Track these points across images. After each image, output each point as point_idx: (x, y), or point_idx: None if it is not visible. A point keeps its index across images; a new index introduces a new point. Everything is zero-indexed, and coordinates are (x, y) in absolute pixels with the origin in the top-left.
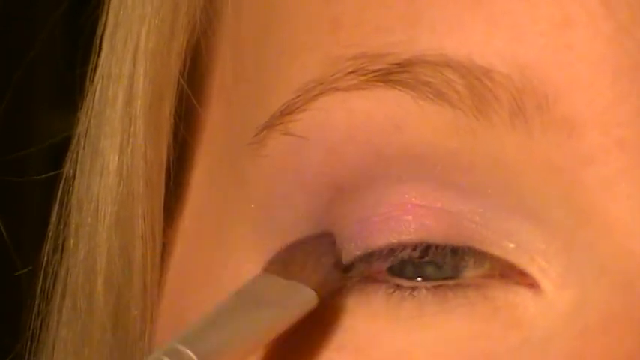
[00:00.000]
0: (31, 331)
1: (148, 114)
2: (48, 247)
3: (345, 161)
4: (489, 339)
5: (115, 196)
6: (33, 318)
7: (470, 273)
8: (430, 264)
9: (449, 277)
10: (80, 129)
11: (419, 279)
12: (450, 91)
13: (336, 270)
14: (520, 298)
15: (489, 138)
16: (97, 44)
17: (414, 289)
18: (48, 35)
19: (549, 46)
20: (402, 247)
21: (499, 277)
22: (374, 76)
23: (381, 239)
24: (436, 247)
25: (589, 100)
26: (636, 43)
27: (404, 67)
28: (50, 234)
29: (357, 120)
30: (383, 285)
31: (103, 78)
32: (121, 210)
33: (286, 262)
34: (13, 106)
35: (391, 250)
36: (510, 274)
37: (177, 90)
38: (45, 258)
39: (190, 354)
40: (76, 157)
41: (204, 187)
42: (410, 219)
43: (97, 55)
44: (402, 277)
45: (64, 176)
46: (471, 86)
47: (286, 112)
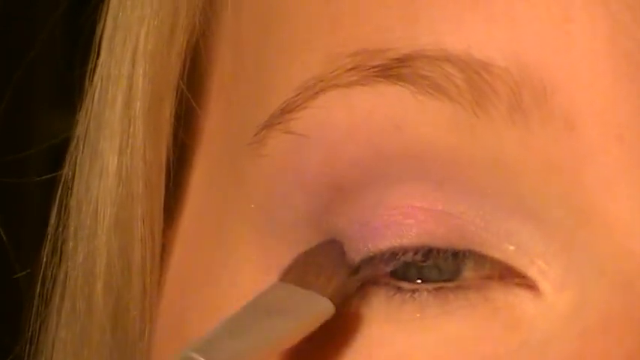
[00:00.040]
0: (30, 333)
1: (147, 115)
2: (47, 249)
3: (346, 160)
4: (490, 341)
5: (115, 198)
6: (32, 319)
7: (470, 275)
8: (431, 267)
9: (448, 280)
10: (79, 130)
11: (419, 281)
12: (449, 85)
13: (350, 279)
14: (519, 299)
15: (488, 134)
16: (96, 45)
17: (414, 291)
18: (48, 35)
19: (548, 42)
20: (403, 250)
21: (499, 279)
22: (374, 72)
23: (383, 243)
24: (438, 251)
25: (588, 96)
26: (635, 40)
27: (404, 62)
28: (49, 235)
29: (358, 117)
30: (384, 288)
31: (102, 79)
32: (121, 211)
33: (301, 271)
34: (13, 106)
35: (393, 254)
36: (510, 275)
37: (177, 91)
38: (44, 259)
39: None
40: (75, 159)
41: (203, 188)
42: (412, 223)
43: (96, 57)
44: (402, 279)
45: (63, 178)
46: (470, 80)
47: (287, 110)
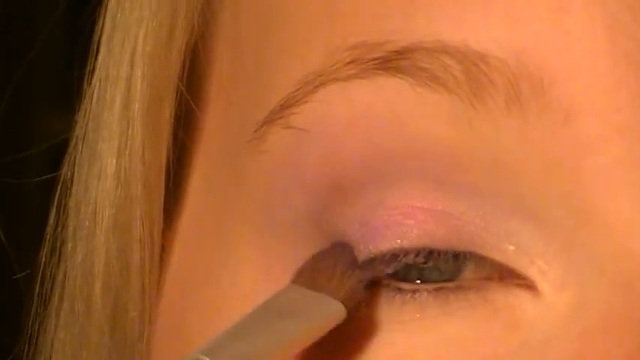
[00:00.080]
0: (29, 334)
1: (145, 117)
2: (45, 250)
3: (345, 155)
4: (490, 341)
5: (113, 199)
6: (31, 320)
7: (470, 275)
8: (432, 268)
9: (448, 280)
10: (78, 131)
11: (418, 281)
12: (448, 77)
13: (360, 282)
14: (519, 300)
15: (486, 126)
16: (95, 47)
17: (415, 291)
18: (48, 35)
19: (545, 32)
20: (404, 252)
21: (499, 280)
22: (373, 65)
23: (384, 244)
24: (438, 253)
25: (586, 86)
26: (633, 28)
27: (402, 54)
28: (48, 236)
29: (357, 111)
30: (384, 288)
31: (100, 81)
32: (119, 213)
33: (313, 274)
34: (13, 106)
35: (394, 256)
36: (510, 276)
37: (176, 93)
38: (43, 260)
39: None
40: (74, 160)
41: (203, 188)
42: (412, 224)
43: (95, 58)
44: (402, 280)
45: (61, 179)
46: (468, 72)
47: (287, 105)
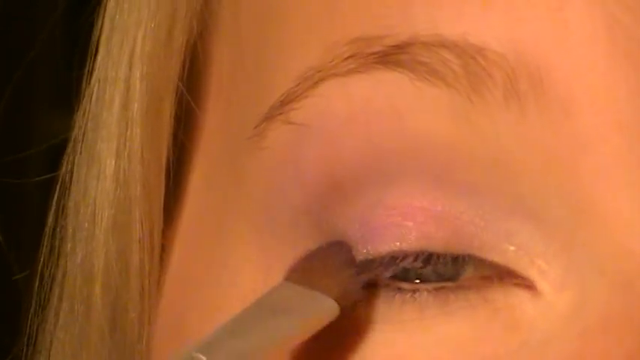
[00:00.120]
0: (28, 335)
1: (144, 117)
2: (44, 250)
3: (345, 151)
4: (490, 341)
5: (112, 200)
6: (30, 321)
7: (469, 276)
8: (430, 272)
9: (448, 279)
10: (77, 132)
11: (417, 281)
12: (446, 71)
13: (356, 281)
14: (519, 300)
15: (484, 121)
16: (94, 47)
17: (414, 291)
18: (48, 35)
19: (544, 26)
20: (403, 254)
21: (498, 280)
22: (372, 59)
23: (383, 246)
24: (437, 256)
25: (585, 82)
26: (633, 22)
27: (402, 48)
28: (47, 237)
29: (357, 105)
30: (384, 288)
31: (99, 81)
32: (119, 214)
33: (307, 272)
34: (13, 106)
35: (392, 259)
36: (509, 276)
37: (176, 93)
38: (41, 260)
39: None
40: (73, 161)
41: (203, 188)
42: (411, 225)
43: (93, 59)
44: (402, 280)
45: (60, 179)
46: (466, 66)
47: (286, 101)
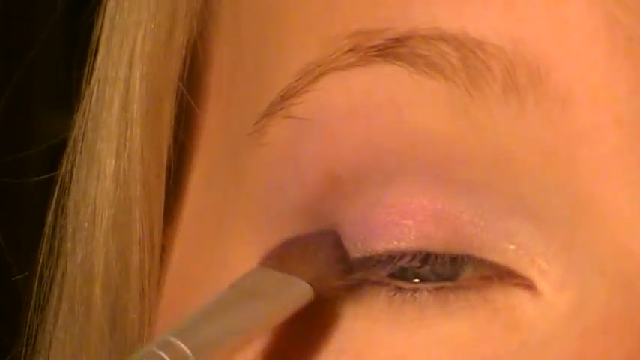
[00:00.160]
0: (27, 335)
1: (144, 118)
2: (44, 250)
3: (344, 147)
4: (490, 341)
5: (112, 200)
6: (29, 321)
7: (468, 276)
8: (428, 272)
9: (447, 279)
10: (77, 132)
11: (416, 280)
12: (445, 64)
13: (337, 265)
14: (519, 300)
15: (482, 114)
16: (94, 47)
17: (415, 290)
18: (48, 35)
19: (543, 20)
20: (401, 254)
21: (498, 280)
22: (372, 52)
23: (381, 244)
24: (435, 256)
25: (583, 75)
26: (632, 17)
27: (401, 41)
28: (46, 236)
29: (357, 99)
30: (384, 288)
31: (99, 82)
32: (119, 214)
33: (282, 257)
34: (13, 106)
35: (390, 257)
36: (508, 276)
37: (176, 93)
38: (41, 260)
39: (183, 347)
40: (73, 161)
41: (203, 188)
42: (410, 224)
43: (93, 59)
44: (400, 279)
45: (59, 179)
46: (465, 59)
47: (287, 96)
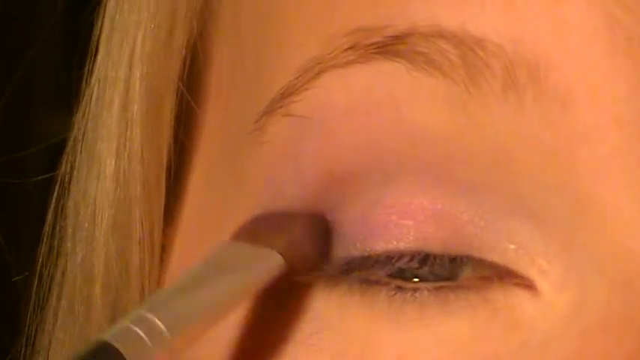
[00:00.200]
0: (27, 335)
1: (144, 118)
2: (43, 250)
3: (344, 145)
4: (490, 342)
5: (112, 200)
6: (28, 321)
7: (468, 275)
8: (427, 273)
9: (446, 279)
10: (76, 132)
11: (416, 280)
12: (444, 61)
13: (308, 239)
14: (519, 300)
15: (481, 112)
16: (93, 48)
17: (415, 290)
18: (48, 35)
19: (543, 18)
20: (400, 254)
21: (498, 280)
22: (371, 50)
23: (380, 245)
24: (434, 257)
25: (583, 74)
26: (632, 17)
27: (400, 39)
28: (45, 236)
29: (356, 96)
30: (384, 287)
31: (99, 82)
32: (119, 214)
33: (253, 230)
34: (13, 106)
35: (389, 258)
36: (508, 276)
37: (176, 93)
38: (40, 260)
39: (156, 321)
40: (73, 161)
41: (203, 188)
42: (410, 224)
43: (93, 59)
44: (399, 278)
45: (59, 179)
46: (464, 56)
47: (287, 94)
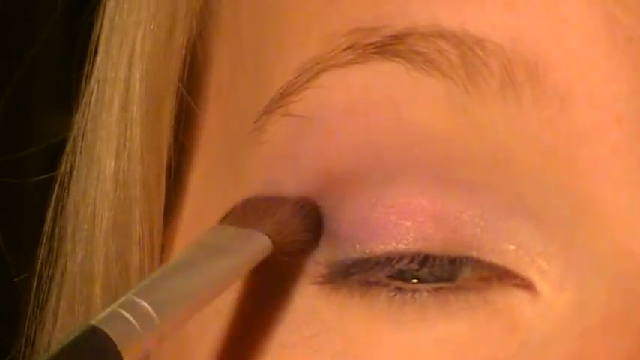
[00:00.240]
0: (26, 335)
1: (144, 118)
2: (43, 250)
3: (343, 150)
4: (489, 343)
5: (112, 201)
6: (28, 321)
7: (467, 276)
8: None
9: (446, 280)
10: (76, 133)
11: (415, 281)
12: (443, 61)
13: (300, 220)
14: (518, 300)
15: (480, 111)
16: (93, 48)
17: (415, 291)
18: (48, 35)
19: (543, 18)
20: (399, 256)
21: (497, 280)
22: (370, 49)
23: (380, 247)
24: (434, 258)
25: (582, 74)
26: (632, 16)
27: (399, 38)
28: (45, 236)
29: (355, 96)
30: (384, 288)
31: (98, 82)
32: (118, 215)
33: (242, 214)
34: (13, 106)
35: (388, 259)
36: (507, 277)
37: (175, 93)
38: (40, 260)
39: (146, 305)
40: (72, 161)
41: (204, 188)
42: (409, 225)
43: (93, 60)
44: (400, 279)
45: (59, 179)
46: (464, 56)
47: (286, 93)
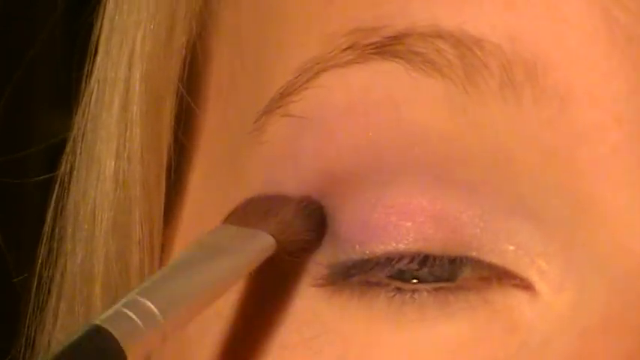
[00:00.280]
0: (26, 336)
1: (144, 118)
2: (43, 250)
3: (343, 150)
4: (489, 343)
5: (112, 201)
6: (28, 321)
7: (467, 276)
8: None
9: (445, 280)
10: (76, 133)
11: (414, 280)
12: (442, 61)
13: (303, 220)
14: (518, 301)
15: (479, 111)
16: (93, 48)
17: (414, 291)
18: (48, 35)
19: (542, 17)
20: (399, 256)
21: (497, 281)
22: (370, 50)
23: (380, 247)
24: (434, 259)
25: (582, 73)
26: (631, 16)
27: (398, 39)
28: (45, 237)
29: (355, 96)
30: (384, 289)
31: (98, 82)
32: (118, 215)
33: (245, 214)
34: (13, 106)
35: (388, 260)
36: (507, 277)
37: (175, 94)
38: (39, 260)
39: (150, 305)
40: (72, 161)
41: (204, 188)
42: (409, 225)
43: (93, 60)
44: (399, 280)
45: (59, 179)
46: (463, 56)
47: (286, 93)
